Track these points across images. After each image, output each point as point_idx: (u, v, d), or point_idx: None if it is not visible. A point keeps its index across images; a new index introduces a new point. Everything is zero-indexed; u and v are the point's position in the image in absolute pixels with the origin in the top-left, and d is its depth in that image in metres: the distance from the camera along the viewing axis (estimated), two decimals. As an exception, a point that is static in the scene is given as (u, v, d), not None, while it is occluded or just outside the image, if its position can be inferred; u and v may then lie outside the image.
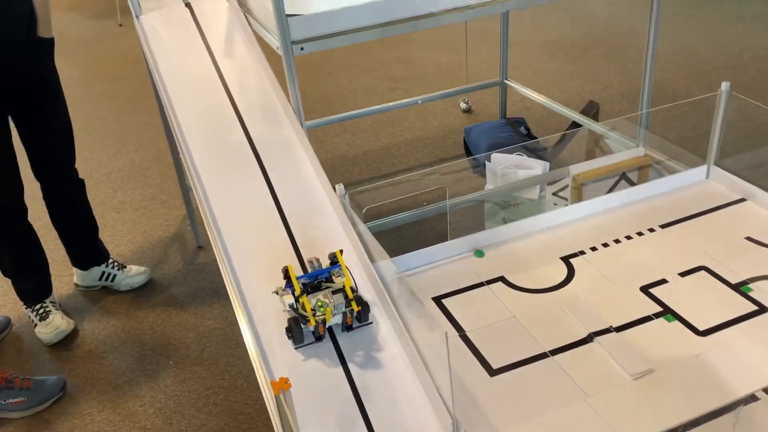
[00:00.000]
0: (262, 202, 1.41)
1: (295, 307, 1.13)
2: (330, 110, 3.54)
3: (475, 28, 4.54)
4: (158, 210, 2.79)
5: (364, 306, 1.15)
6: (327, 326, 1.14)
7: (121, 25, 5.47)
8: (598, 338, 1.20)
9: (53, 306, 2.13)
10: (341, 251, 1.20)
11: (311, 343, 1.14)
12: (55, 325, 2.07)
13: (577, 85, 3.58)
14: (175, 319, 2.13)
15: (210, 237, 1.37)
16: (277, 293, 1.17)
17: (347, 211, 1.38)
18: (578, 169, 1.93)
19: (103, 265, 2.29)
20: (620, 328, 1.22)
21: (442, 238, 1.71)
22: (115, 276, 2.29)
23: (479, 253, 1.56)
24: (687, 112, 3.07)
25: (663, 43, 3.81)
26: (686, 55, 3.80)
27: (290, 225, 1.36)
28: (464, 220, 2.04)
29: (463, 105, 3.41)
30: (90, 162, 3.22)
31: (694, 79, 3.49)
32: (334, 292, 1.15)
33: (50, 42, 1.92)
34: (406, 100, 3.07)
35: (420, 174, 2.60)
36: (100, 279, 2.29)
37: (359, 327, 1.17)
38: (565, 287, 1.36)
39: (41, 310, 2.09)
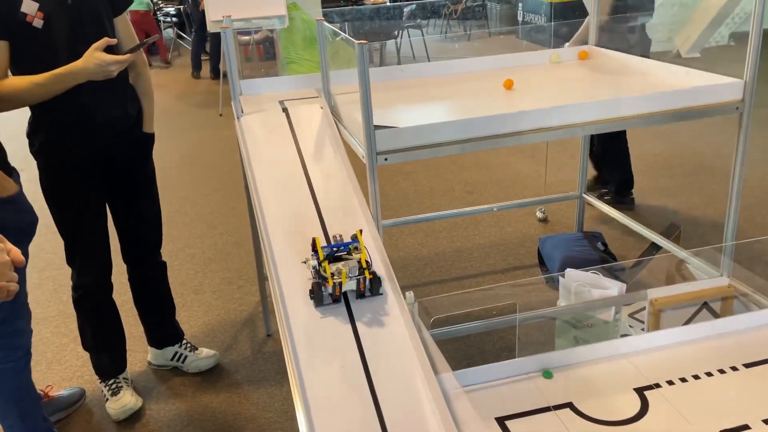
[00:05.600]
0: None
1: (317, 269, 1.36)
2: (407, 209, 3.62)
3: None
4: (234, 294, 2.88)
5: (376, 278, 1.38)
6: (343, 290, 1.37)
7: (221, 115, 5.90)
8: (671, 484, 1.12)
9: (125, 382, 2.20)
10: (361, 231, 1.44)
11: (329, 304, 1.37)
12: (123, 402, 2.13)
13: (659, 203, 3.52)
14: (237, 408, 2.15)
15: (279, 328, 1.40)
16: (305, 262, 1.42)
17: (414, 320, 1.39)
18: (657, 293, 1.87)
19: (177, 345, 2.37)
20: (697, 476, 1.15)
21: (510, 350, 1.68)
22: (186, 357, 2.35)
23: (547, 374, 1.52)
24: (777, 241, 2.94)
25: (752, 167, 3.72)
26: (777, 179, 3.68)
27: (356, 319, 1.38)
28: (534, 333, 1.99)
29: (539, 214, 3.41)
30: (178, 242, 3.40)
31: (785, 205, 3.36)
32: (350, 261, 1.38)
33: (151, 137, 2.11)
34: (481, 207, 3.11)
35: (491, 286, 2.59)
36: (172, 359, 2.36)
37: (371, 297, 1.39)
38: (637, 422, 1.30)
39: (113, 385, 2.17)
